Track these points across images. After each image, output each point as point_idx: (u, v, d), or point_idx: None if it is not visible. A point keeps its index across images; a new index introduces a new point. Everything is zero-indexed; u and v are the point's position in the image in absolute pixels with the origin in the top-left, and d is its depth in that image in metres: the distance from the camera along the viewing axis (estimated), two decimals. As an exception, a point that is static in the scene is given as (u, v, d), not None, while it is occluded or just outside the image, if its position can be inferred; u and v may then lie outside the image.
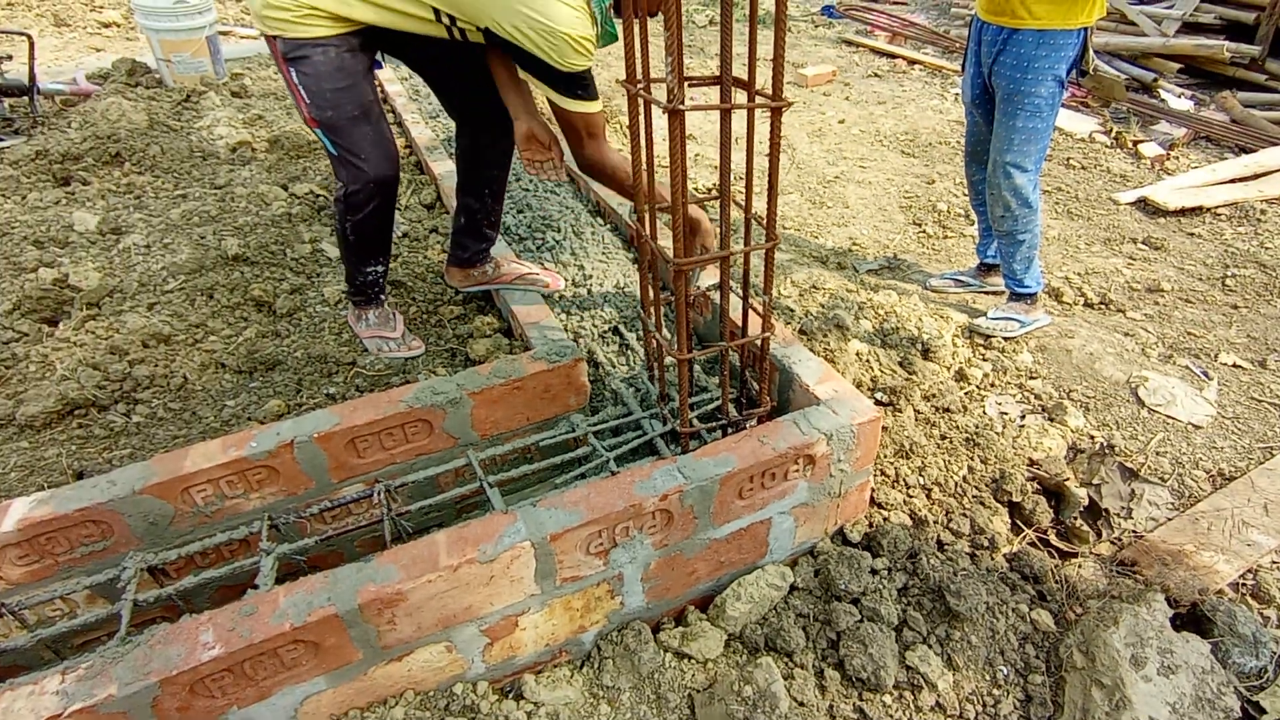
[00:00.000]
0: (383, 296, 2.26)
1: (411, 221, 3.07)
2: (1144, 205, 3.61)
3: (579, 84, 1.82)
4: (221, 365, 2.17)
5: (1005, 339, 2.58)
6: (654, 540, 1.58)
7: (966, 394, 2.31)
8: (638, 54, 1.47)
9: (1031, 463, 2.05)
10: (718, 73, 1.34)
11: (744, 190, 1.57)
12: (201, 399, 2.07)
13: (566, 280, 2.44)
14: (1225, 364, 2.49)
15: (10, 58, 4.55)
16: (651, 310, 1.80)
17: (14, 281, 2.52)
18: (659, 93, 2.36)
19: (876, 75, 5.60)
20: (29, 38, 4.06)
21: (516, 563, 1.44)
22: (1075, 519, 1.92)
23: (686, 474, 1.57)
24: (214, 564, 1.72)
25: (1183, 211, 3.52)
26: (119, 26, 7.49)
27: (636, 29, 1.50)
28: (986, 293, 2.90)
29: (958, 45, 5.96)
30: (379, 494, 1.75)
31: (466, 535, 1.44)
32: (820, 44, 6.49)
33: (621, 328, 2.30)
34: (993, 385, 2.39)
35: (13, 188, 3.24)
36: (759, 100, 1.40)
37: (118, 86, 4.35)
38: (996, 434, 2.12)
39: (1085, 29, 2.18)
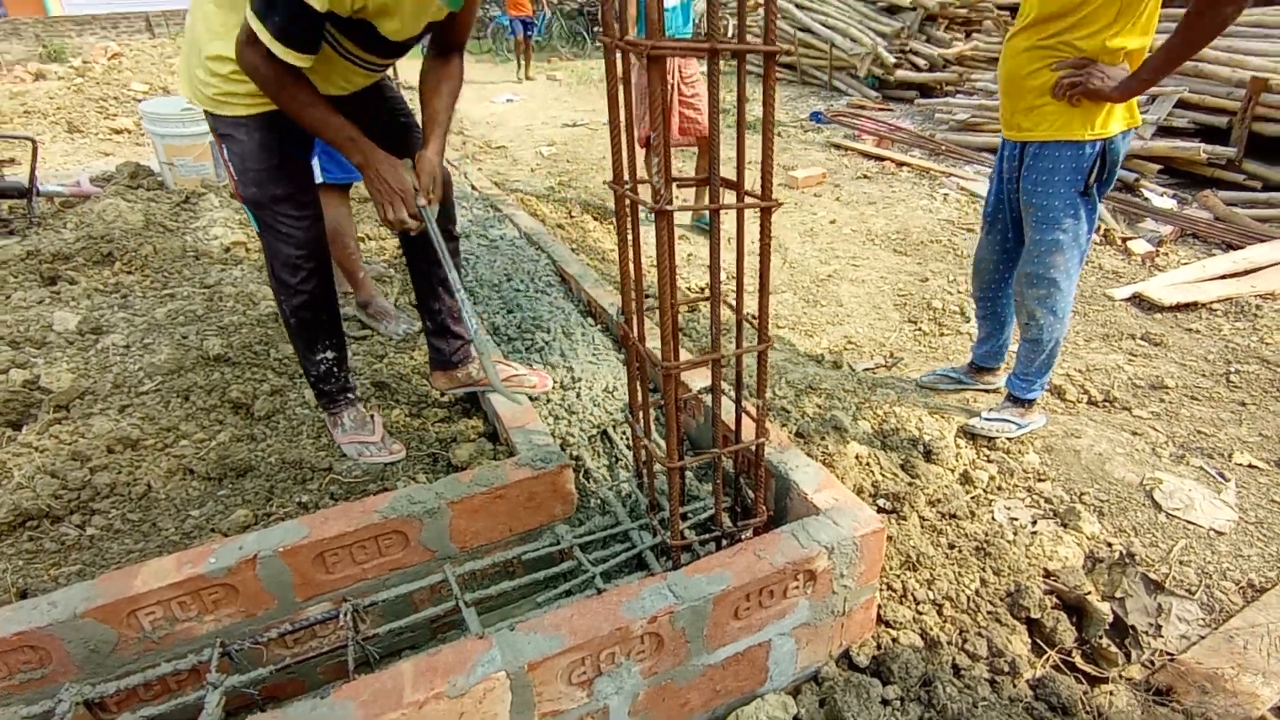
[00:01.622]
0: (351, 395, 2.18)
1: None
2: (1139, 301, 3.60)
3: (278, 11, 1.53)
4: (190, 472, 2.06)
5: (1008, 439, 2.49)
6: (643, 668, 1.43)
7: (973, 498, 2.20)
8: (624, 154, 1.45)
9: (1048, 574, 1.92)
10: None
11: (735, 291, 1.51)
12: (164, 509, 1.95)
13: (555, 382, 2.36)
14: (1240, 465, 2.39)
15: (15, 161, 4.65)
16: (640, 415, 1.71)
17: (-15, 383, 2.44)
18: (647, 194, 2.34)
19: (865, 177, 5.74)
20: (33, 142, 4.15)
21: (490, 696, 1.30)
22: (1100, 638, 1.77)
23: (678, 593, 1.44)
24: (158, 697, 1.56)
25: (1178, 307, 3.50)
26: (129, 133, 7.74)
27: (622, 115, 1.49)
28: (980, 390, 2.83)
29: (944, 148, 6.15)
30: (346, 614, 1.61)
31: (436, 664, 1.31)
32: (810, 148, 6.70)
33: (611, 432, 2.21)
34: (1000, 488, 2.28)
35: (-2, 287, 3.21)
36: (748, 200, 1.37)
37: (119, 189, 4.41)
38: (1008, 542, 1.99)
39: (1101, 141, 2.10)
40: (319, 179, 2.67)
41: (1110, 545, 2.04)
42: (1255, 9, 5.72)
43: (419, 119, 1.99)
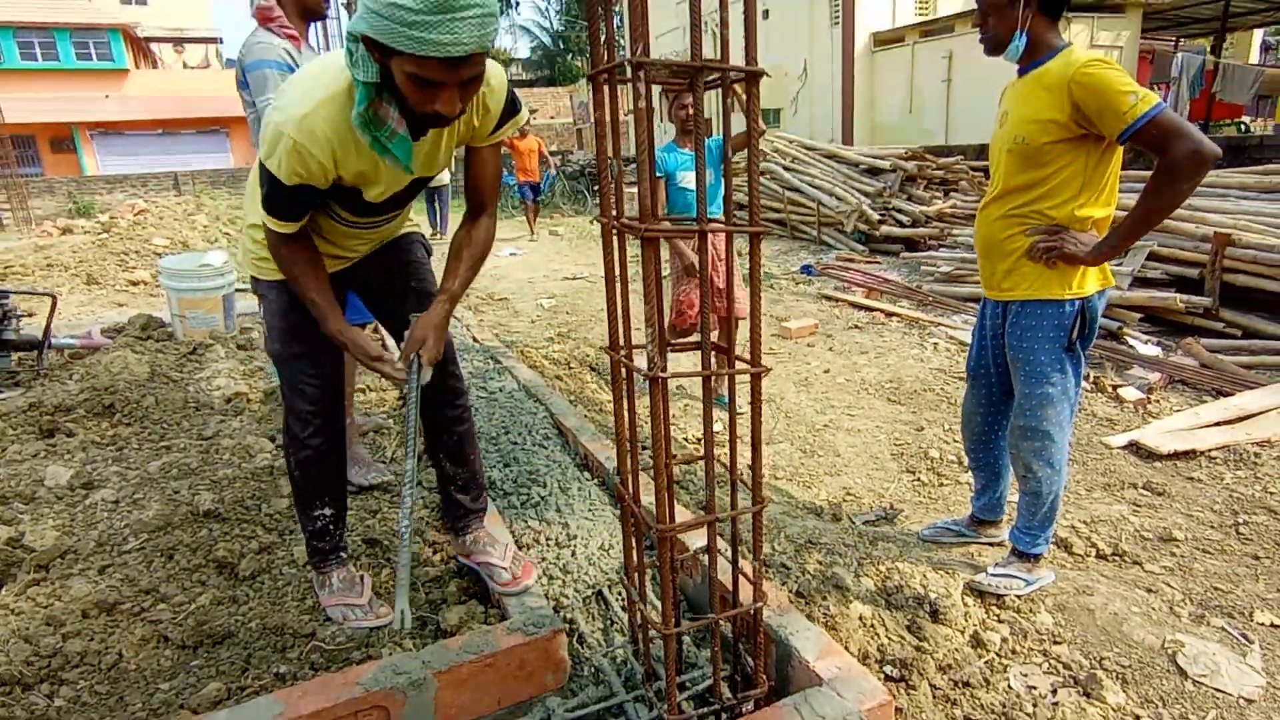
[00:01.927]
0: (343, 555, 2.12)
1: (397, 475, 3.01)
2: (1136, 449, 3.59)
3: (264, 183, 1.65)
4: (164, 639, 1.97)
5: (1018, 597, 2.40)
6: None
7: (987, 663, 2.09)
8: (619, 323, 1.50)
9: (1074, 752, 1.79)
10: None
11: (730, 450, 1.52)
12: (133, 680, 1.84)
13: (550, 539, 2.31)
14: (1263, 624, 2.29)
15: (32, 314, 4.81)
16: (636, 577, 1.67)
17: (-33, 541, 2.39)
18: (642, 357, 2.38)
19: (857, 327, 5.91)
20: (53, 298, 4.31)
21: None
22: (1138, 828, 1.62)
23: (676, 780, 1.34)
24: None
25: (1177, 455, 3.49)
26: (145, 284, 8.04)
27: (619, 288, 1.55)
28: (984, 543, 2.77)
29: (931, 299, 6.37)
30: (315, 805, 1.49)
31: None
32: (802, 299, 6.94)
33: (606, 592, 2.13)
34: (1014, 652, 2.17)
35: (-4, 440, 3.21)
36: (739, 365, 1.40)
37: (128, 340, 4.53)
38: (1028, 715, 1.88)
39: (1079, 300, 2.17)
40: None
41: (1138, 718, 1.92)
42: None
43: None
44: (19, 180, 19.28)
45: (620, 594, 2.14)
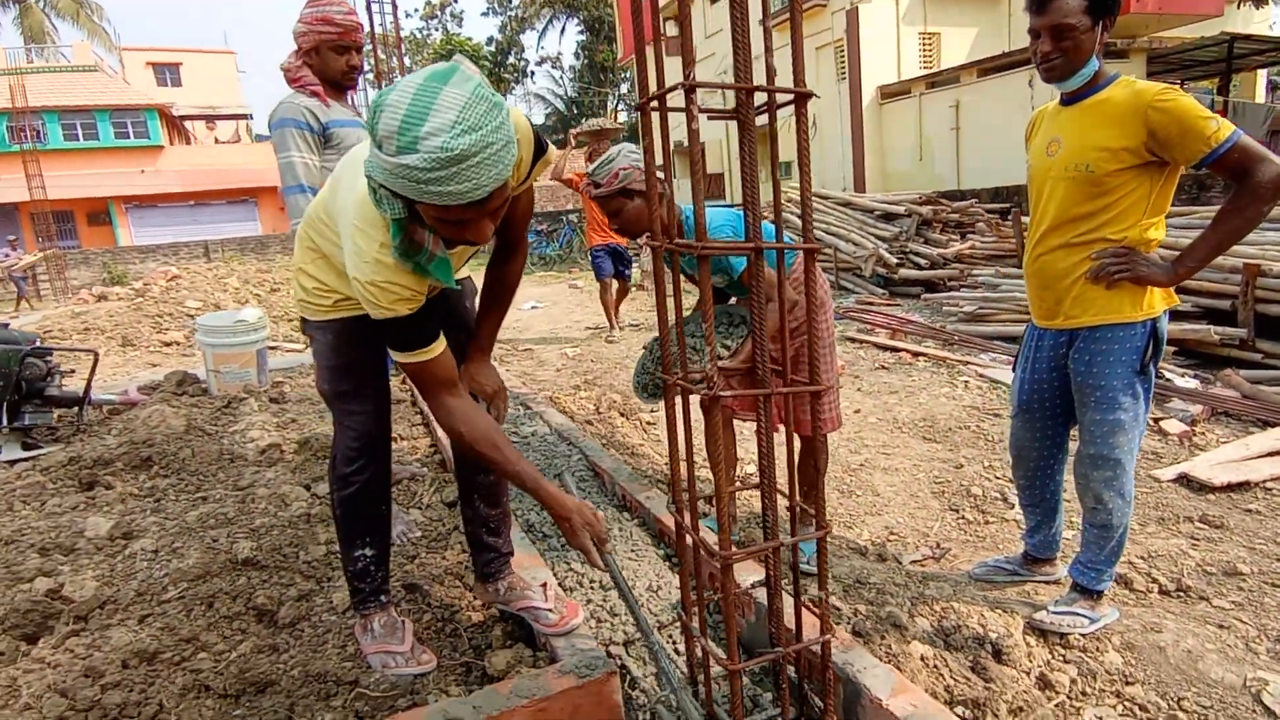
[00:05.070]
0: (384, 599, 2.08)
1: (433, 520, 2.98)
2: (1187, 481, 3.48)
3: (388, 331, 1.64)
4: (206, 689, 1.93)
5: (1083, 635, 2.30)
6: None
7: (1058, 705, 1.99)
8: (673, 347, 1.49)
9: (1163, 797, 1.68)
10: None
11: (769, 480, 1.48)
12: (175, 732, 1.80)
13: (595, 581, 2.25)
14: (1346, 660, 2.17)
15: (73, 372, 4.89)
16: (694, 612, 1.61)
17: (6, 593, 2.37)
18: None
19: (884, 368, 5.86)
20: (95, 355, 4.39)
21: None
22: None
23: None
24: None
25: (1230, 487, 3.37)
26: (178, 345, 8.18)
27: (673, 319, 1.54)
28: (1039, 581, 2.66)
29: (956, 339, 6.32)
30: None
31: None
32: (826, 342, 6.91)
33: (657, 634, 2.06)
34: (1084, 693, 2.06)
35: (35, 494, 3.22)
36: (797, 386, 1.38)
37: (165, 396, 4.58)
38: (1109, 758, 1.77)
39: (1150, 321, 2.14)
40: None
41: (1226, 760, 1.80)
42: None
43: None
44: (60, 252, 19.95)
45: (669, 636, 2.07)
